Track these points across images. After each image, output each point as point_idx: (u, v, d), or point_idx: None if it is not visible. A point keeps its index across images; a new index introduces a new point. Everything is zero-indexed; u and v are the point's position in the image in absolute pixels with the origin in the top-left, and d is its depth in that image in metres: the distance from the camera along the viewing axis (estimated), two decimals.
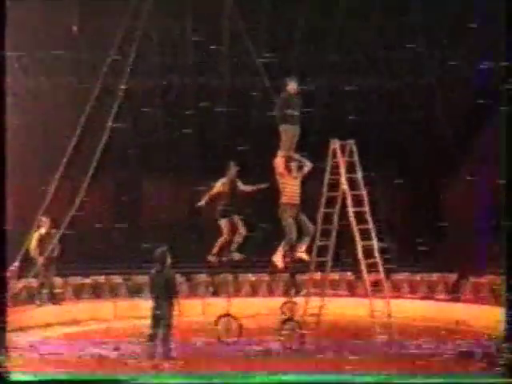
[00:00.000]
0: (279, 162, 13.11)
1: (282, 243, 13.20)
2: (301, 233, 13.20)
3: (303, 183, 13.39)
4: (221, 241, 14.22)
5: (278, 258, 13.37)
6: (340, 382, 9.95)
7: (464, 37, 18.58)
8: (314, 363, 11.52)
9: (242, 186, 14.17)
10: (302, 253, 13.25)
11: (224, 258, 14.23)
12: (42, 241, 16.77)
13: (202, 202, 14.10)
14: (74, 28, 18.59)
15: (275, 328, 13.32)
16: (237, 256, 14.19)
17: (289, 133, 13.11)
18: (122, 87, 17.06)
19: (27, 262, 16.57)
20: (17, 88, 16.13)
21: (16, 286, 16.42)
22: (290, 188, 13.18)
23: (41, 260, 16.60)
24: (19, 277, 16.52)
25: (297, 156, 13.28)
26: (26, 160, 17.75)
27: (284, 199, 13.16)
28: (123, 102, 17.49)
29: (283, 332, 13.03)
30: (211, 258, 14.30)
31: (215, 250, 14.25)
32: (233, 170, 14.10)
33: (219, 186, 14.07)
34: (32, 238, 16.68)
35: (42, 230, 16.86)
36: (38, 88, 18.97)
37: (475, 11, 17.50)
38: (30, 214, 16.78)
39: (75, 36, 18.68)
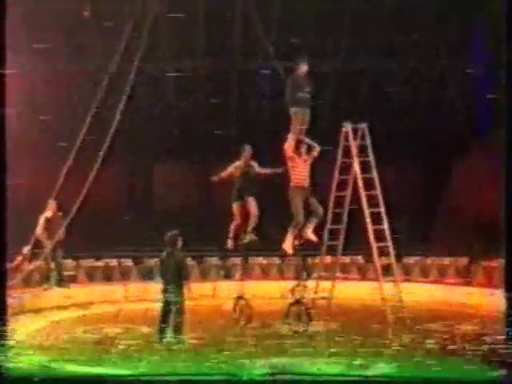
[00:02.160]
0: (289, 145, 13.08)
1: (290, 228, 13.17)
2: (309, 215, 13.17)
3: (313, 166, 13.37)
4: (234, 225, 14.19)
5: (287, 245, 13.35)
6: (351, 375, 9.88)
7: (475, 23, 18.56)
8: (324, 347, 11.53)
9: (258, 169, 14.11)
10: (309, 234, 13.21)
11: (240, 242, 14.19)
12: (48, 224, 16.78)
13: (215, 177, 14.06)
14: (86, 13, 18.55)
15: (283, 311, 13.33)
16: (250, 237, 14.13)
17: (299, 115, 13.05)
18: (134, 72, 17.05)
19: (36, 244, 16.61)
20: (26, 72, 16.17)
21: (27, 268, 16.49)
22: (300, 171, 13.13)
23: (48, 243, 16.62)
24: (30, 259, 16.57)
25: (306, 139, 13.26)
26: (38, 144, 17.81)
27: (294, 182, 13.13)
28: (135, 86, 17.50)
29: (290, 315, 13.05)
30: (229, 243, 14.25)
31: (231, 234, 14.23)
32: (247, 152, 14.06)
33: (232, 168, 14.04)
34: (39, 221, 16.71)
35: (49, 213, 16.86)
36: (49, 72, 18.96)
37: None
38: (43, 198, 16.82)
39: (87, 20, 18.64)
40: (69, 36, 18.69)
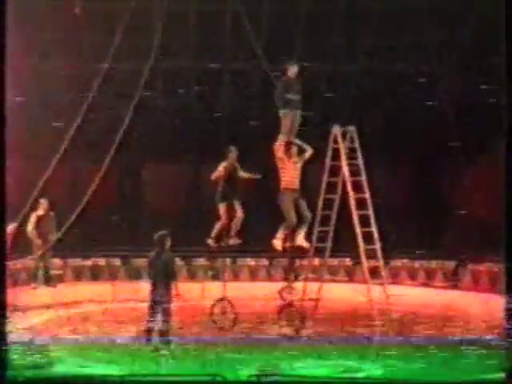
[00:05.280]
0: (279, 146, 13.09)
1: (282, 227, 13.19)
2: (299, 219, 13.18)
3: (304, 168, 13.38)
4: (219, 225, 14.21)
5: (277, 242, 13.37)
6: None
7: (469, 24, 18.57)
8: (313, 349, 11.54)
9: (240, 172, 14.16)
10: (301, 240, 13.24)
11: (223, 243, 14.21)
12: (39, 222, 16.77)
13: (213, 177, 14.03)
14: (77, 9, 18.49)
15: (274, 314, 13.33)
16: (235, 241, 14.17)
17: (289, 118, 13.06)
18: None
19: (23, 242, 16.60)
20: (18, 70, 16.10)
21: (14, 266, 16.47)
22: (290, 173, 13.14)
23: (38, 242, 16.63)
24: (17, 257, 16.55)
25: (297, 141, 13.27)
26: (27, 142, 17.73)
27: (283, 184, 13.14)
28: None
29: (282, 318, 13.07)
30: (210, 242, 14.29)
31: (214, 233, 14.25)
32: (233, 154, 14.08)
33: (221, 169, 14.03)
34: (29, 219, 16.68)
35: (40, 212, 16.84)
36: (40, 70, 18.89)
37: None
38: (29, 196, 16.78)
39: (78, 17, 18.58)
40: (60, 34, 18.58)
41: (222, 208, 14.06)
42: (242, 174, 14.15)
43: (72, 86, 18.85)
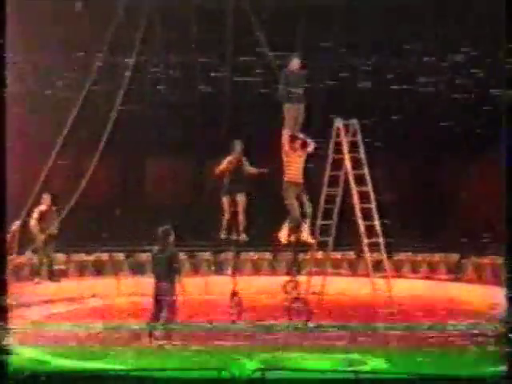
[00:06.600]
0: (283, 140, 13.12)
1: (287, 221, 13.23)
2: (302, 214, 13.21)
3: (307, 162, 13.39)
4: (225, 219, 14.23)
5: (282, 235, 13.41)
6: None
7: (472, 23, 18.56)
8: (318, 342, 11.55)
9: (247, 167, 14.14)
10: (306, 236, 13.27)
11: (232, 237, 14.23)
12: (42, 217, 16.79)
13: (216, 171, 14.05)
14: (78, 4, 18.48)
15: (283, 307, 13.35)
16: (242, 238, 14.19)
17: (292, 111, 13.08)
18: (129, 64, 17.05)
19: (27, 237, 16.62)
20: (18, 63, 16.11)
21: (18, 261, 16.48)
22: (294, 166, 13.19)
23: (41, 237, 16.65)
24: (20, 252, 16.56)
25: (301, 135, 13.28)
26: (29, 137, 17.74)
27: (287, 177, 13.17)
28: (128, 80, 17.47)
29: (291, 313, 13.11)
30: (222, 236, 14.29)
31: (224, 228, 14.26)
32: (238, 148, 14.08)
33: (225, 163, 14.03)
34: (32, 214, 16.70)
35: (43, 207, 16.86)
36: (41, 64, 18.89)
37: None
38: (31, 190, 16.80)
39: (79, 12, 18.57)
40: (63, 28, 18.57)
41: (225, 201, 14.06)
42: (250, 169, 14.11)
43: (73, 79, 18.83)
